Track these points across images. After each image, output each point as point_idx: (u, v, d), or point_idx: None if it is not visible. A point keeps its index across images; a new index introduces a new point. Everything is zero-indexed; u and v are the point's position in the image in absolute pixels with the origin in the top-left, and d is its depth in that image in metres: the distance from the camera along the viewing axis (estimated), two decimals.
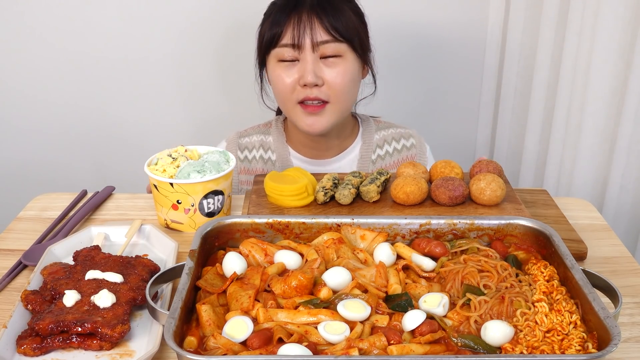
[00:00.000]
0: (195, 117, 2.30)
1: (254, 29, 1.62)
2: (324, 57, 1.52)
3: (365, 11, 1.61)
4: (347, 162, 1.71)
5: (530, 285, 1.00)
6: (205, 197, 1.25)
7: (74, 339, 0.94)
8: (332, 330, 0.90)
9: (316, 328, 0.91)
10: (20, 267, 1.17)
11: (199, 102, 2.27)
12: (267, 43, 1.55)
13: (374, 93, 1.72)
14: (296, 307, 0.95)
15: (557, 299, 0.96)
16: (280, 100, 1.60)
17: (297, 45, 1.50)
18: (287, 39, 1.51)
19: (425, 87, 2.31)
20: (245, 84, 1.69)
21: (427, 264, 1.06)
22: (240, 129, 1.78)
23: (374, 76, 1.68)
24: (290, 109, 1.58)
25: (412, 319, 0.91)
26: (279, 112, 1.80)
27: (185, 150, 1.34)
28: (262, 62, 1.62)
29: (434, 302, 0.96)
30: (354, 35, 1.54)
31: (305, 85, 1.52)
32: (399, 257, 1.09)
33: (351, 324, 0.92)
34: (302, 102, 1.55)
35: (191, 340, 0.89)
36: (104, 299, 0.99)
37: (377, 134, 1.73)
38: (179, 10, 2.13)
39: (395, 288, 1.00)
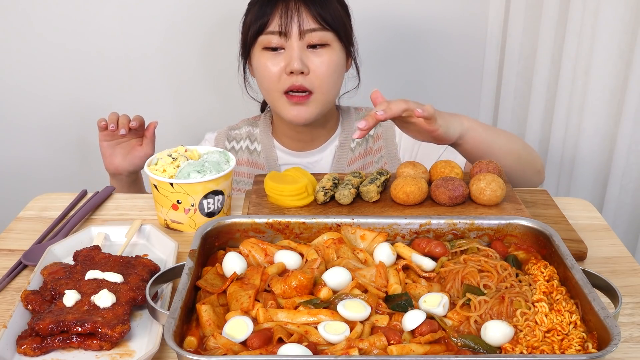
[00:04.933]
0: (189, 114, 2.30)
1: (239, 23, 1.63)
2: (310, 45, 1.53)
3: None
4: (328, 153, 1.72)
5: (530, 285, 1.00)
6: (205, 197, 1.25)
7: (74, 339, 0.94)
8: (332, 330, 0.90)
9: (316, 328, 0.91)
10: (20, 267, 1.17)
11: (189, 100, 2.27)
12: (253, 31, 1.55)
13: (357, 87, 1.72)
14: (296, 307, 0.95)
15: (557, 299, 0.96)
16: (265, 90, 1.61)
17: (283, 33, 1.51)
18: (273, 26, 1.52)
19: (424, 88, 2.30)
20: (234, 80, 1.70)
21: (427, 264, 1.06)
22: (232, 123, 1.81)
23: (357, 69, 1.69)
24: (275, 99, 1.59)
25: (412, 319, 0.91)
26: (262, 108, 1.82)
27: (185, 150, 1.34)
28: (246, 53, 1.63)
29: (434, 302, 0.96)
30: (341, 25, 1.56)
31: (291, 72, 1.52)
32: (399, 257, 1.09)
33: (351, 324, 0.92)
34: (287, 93, 1.56)
35: (191, 340, 0.89)
36: (104, 299, 0.99)
37: (357, 122, 1.72)
38: (166, 8, 2.13)
39: (395, 288, 1.00)
